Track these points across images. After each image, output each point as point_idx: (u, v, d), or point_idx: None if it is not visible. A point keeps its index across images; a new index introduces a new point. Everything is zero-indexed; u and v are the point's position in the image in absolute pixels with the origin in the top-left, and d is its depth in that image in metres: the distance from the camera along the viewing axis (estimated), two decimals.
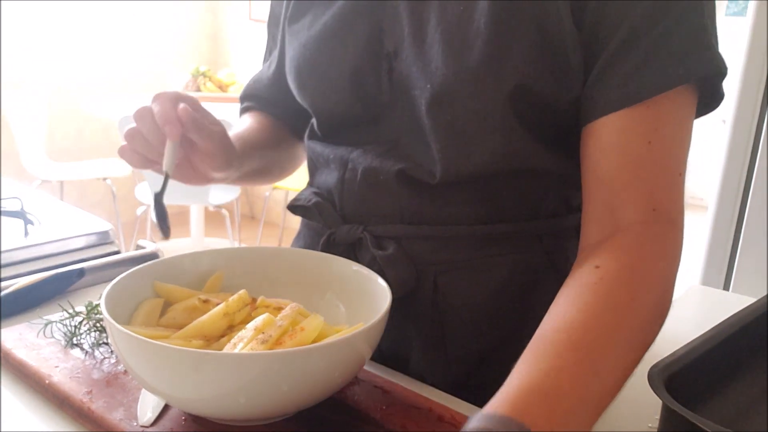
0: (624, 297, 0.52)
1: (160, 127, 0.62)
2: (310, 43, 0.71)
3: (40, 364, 0.63)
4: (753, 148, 1.69)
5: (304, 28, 0.73)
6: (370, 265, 0.68)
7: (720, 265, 1.79)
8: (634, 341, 0.52)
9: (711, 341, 0.58)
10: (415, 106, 0.65)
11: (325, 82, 0.70)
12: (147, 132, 0.63)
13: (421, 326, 0.70)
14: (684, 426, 0.46)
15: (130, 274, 0.62)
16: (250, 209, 4.59)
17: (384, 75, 0.67)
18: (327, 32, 0.70)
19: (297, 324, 0.56)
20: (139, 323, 0.60)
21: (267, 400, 0.51)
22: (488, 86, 0.61)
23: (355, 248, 0.72)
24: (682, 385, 0.51)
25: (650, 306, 0.54)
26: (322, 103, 0.72)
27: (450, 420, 0.57)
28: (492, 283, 0.68)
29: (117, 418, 0.55)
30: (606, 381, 0.48)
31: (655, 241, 0.57)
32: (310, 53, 0.71)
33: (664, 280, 0.56)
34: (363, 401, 0.60)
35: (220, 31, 4.46)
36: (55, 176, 3.36)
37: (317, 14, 0.71)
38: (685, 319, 0.90)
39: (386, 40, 0.66)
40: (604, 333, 0.50)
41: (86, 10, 3.75)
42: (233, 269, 0.69)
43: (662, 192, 0.58)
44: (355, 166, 0.69)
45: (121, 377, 0.62)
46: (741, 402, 0.59)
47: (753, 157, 1.70)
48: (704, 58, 0.58)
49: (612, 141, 0.59)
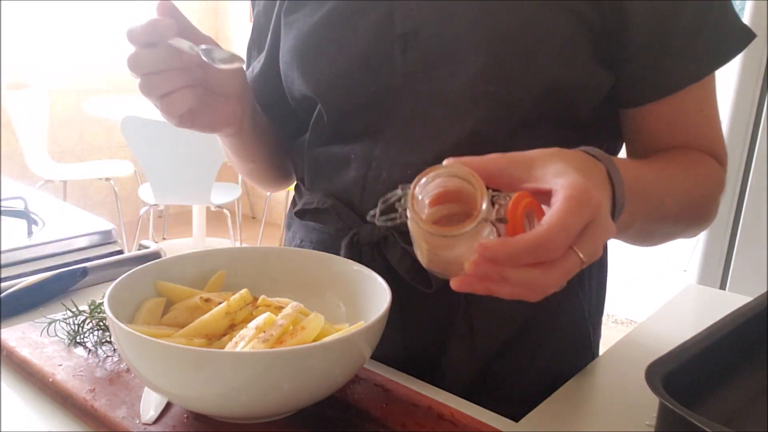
0: (697, 166, 0.67)
1: (158, 41, 0.59)
2: (313, 30, 0.70)
3: (43, 363, 0.64)
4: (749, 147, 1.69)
5: (303, 17, 0.72)
6: (401, 262, 0.68)
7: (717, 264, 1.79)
8: (697, 196, 0.67)
9: (708, 339, 0.58)
10: (447, 79, 0.65)
11: (333, 69, 0.70)
12: (151, 63, 0.60)
13: (452, 320, 0.70)
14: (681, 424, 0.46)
15: (133, 274, 0.62)
16: (252, 209, 4.59)
17: (398, 56, 0.67)
18: (333, 18, 0.69)
19: (298, 323, 0.57)
20: (141, 322, 0.61)
21: (268, 398, 0.52)
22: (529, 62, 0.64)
23: (381, 246, 0.70)
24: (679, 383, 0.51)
25: (711, 189, 0.69)
26: (330, 90, 0.71)
27: (450, 418, 0.58)
28: None
29: (120, 416, 0.56)
30: (669, 205, 0.63)
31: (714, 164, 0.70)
32: (314, 40, 0.70)
33: (719, 185, 0.70)
34: (363, 399, 0.60)
35: (220, 32, 4.47)
36: (58, 176, 3.37)
37: (318, 4, 0.71)
38: (682, 318, 0.91)
39: (398, 22, 0.66)
40: (682, 171, 0.65)
41: (89, 10, 3.75)
42: (235, 269, 0.70)
43: (716, 147, 0.70)
44: (380, 164, 0.69)
45: (123, 375, 0.62)
46: (738, 400, 0.59)
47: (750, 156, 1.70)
48: (744, 28, 0.66)
49: (673, 117, 0.67)
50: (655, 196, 0.62)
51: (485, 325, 0.70)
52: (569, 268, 0.44)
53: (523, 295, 0.44)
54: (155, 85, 0.61)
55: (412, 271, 0.67)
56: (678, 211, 0.66)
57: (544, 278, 0.43)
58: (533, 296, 0.44)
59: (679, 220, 0.67)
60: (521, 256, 0.42)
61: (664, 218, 0.65)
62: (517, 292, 0.44)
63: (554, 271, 0.43)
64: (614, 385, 0.70)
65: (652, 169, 0.63)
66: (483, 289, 0.44)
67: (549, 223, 0.42)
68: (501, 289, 0.44)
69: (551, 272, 0.43)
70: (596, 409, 0.67)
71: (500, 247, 0.42)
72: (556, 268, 0.43)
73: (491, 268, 0.42)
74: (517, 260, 0.42)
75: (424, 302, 0.69)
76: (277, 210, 4.24)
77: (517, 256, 0.42)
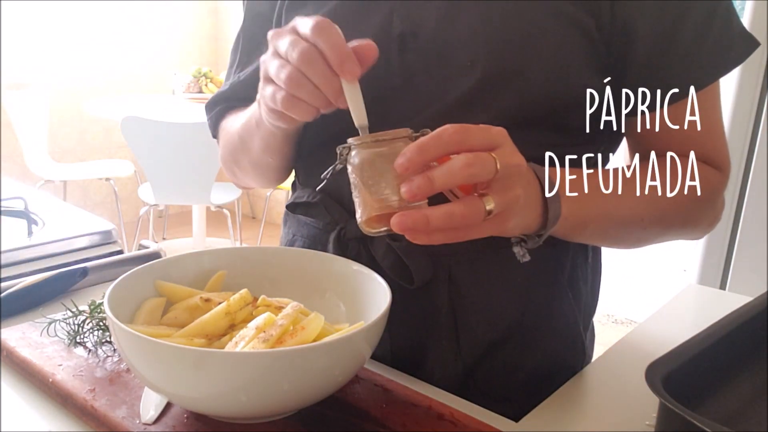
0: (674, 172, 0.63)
1: (336, 67, 0.54)
2: None
3: (43, 363, 0.64)
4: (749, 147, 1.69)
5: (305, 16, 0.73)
6: (384, 257, 0.68)
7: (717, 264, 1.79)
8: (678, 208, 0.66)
9: (708, 339, 0.58)
10: (443, 83, 0.66)
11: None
12: (319, 76, 0.54)
13: (436, 318, 0.70)
14: (681, 424, 0.46)
15: (133, 274, 0.62)
16: (251, 209, 4.59)
17: (395, 57, 0.67)
18: (334, 17, 0.69)
19: (298, 323, 0.57)
20: (141, 322, 0.61)
21: (268, 398, 0.52)
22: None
23: (367, 241, 0.71)
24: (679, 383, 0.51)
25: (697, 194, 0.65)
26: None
27: (449, 418, 0.58)
28: (505, 273, 0.69)
29: (120, 416, 0.56)
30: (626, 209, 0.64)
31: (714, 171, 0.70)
32: None
33: (709, 191, 0.68)
34: (363, 399, 0.60)
35: (221, 32, 4.47)
36: (58, 176, 3.37)
37: (320, 4, 0.71)
38: (682, 318, 0.91)
39: (398, 22, 0.67)
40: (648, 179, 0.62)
41: (89, 10, 3.75)
42: (235, 269, 0.70)
43: (717, 155, 0.70)
44: None
45: (123, 375, 0.62)
46: (739, 400, 0.59)
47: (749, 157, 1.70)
48: (747, 37, 0.66)
49: (673, 125, 0.65)
50: (607, 198, 0.62)
51: (470, 323, 0.70)
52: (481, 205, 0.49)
53: (449, 222, 0.49)
54: (301, 86, 0.56)
55: (395, 266, 0.68)
56: (644, 215, 0.66)
57: (462, 203, 0.49)
58: (456, 224, 0.49)
59: (650, 225, 0.67)
60: (429, 143, 0.48)
61: (624, 222, 0.66)
62: (442, 218, 0.48)
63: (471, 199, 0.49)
64: (614, 385, 0.70)
65: (605, 175, 0.62)
66: (420, 218, 0.48)
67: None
68: (432, 214, 0.48)
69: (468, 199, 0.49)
70: (596, 409, 0.67)
71: (411, 145, 0.49)
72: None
73: (413, 159, 0.48)
74: (425, 148, 0.48)
75: (409, 300, 0.70)
76: (277, 210, 4.24)
77: (424, 144, 0.48)
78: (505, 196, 0.51)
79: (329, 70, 0.54)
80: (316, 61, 0.54)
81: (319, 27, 0.54)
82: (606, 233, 0.68)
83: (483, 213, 0.49)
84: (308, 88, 0.55)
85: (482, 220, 0.50)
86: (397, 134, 0.53)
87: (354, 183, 0.53)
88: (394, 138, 0.53)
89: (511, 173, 0.51)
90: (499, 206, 0.50)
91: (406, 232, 0.49)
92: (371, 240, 0.70)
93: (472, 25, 0.64)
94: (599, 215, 0.64)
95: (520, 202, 0.53)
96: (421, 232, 0.49)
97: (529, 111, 0.65)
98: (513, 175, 0.51)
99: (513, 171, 0.51)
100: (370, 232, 0.53)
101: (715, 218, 0.73)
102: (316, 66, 0.54)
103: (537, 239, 0.59)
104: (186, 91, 3.39)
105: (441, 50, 0.65)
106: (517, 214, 0.54)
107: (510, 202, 0.51)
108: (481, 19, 0.64)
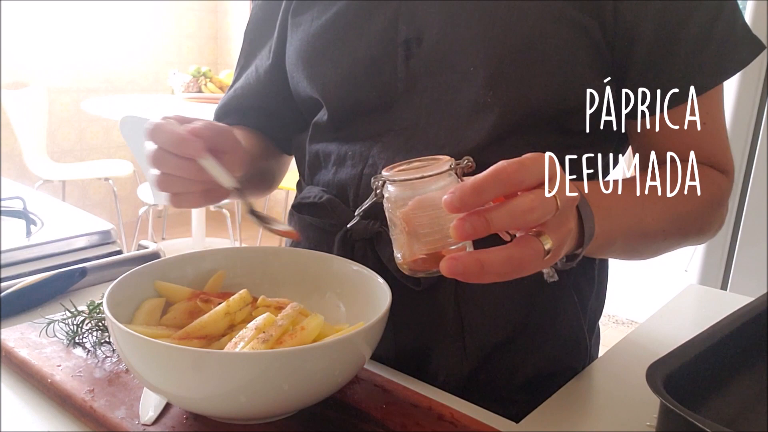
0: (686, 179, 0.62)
1: (182, 154, 0.58)
2: (319, 32, 0.71)
3: (42, 363, 0.63)
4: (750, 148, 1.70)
5: (311, 18, 0.73)
6: (391, 259, 0.68)
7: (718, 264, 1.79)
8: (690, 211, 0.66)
9: (709, 340, 0.58)
10: (448, 89, 0.66)
11: (338, 72, 0.70)
12: (174, 168, 0.59)
13: (442, 320, 0.70)
14: (682, 425, 0.46)
15: (132, 274, 0.62)
16: None
17: (401, 63, 0.67)
18: (340, 20, 0.70)
19: (297, 323, 0.57)
20: (140, 322, 0.60)
21: (268, 398, 0.52)
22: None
23: (374, 243, 0.71)
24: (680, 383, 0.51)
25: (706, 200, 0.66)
26: (334, 92, 0.72)
27: (450, 419, 0.58)
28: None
29: (119, 416, 0.56)
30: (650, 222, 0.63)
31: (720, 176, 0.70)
32: (320, 42, 0.71)
33: (716, 196, 0.68)
34: (363, 400, 0.60)
35: (220, 31, 4.47)
36: (57, 176, 3.37)
37: (326, 6, 0.72)
38: (683, 318, 0.91)
39: (403, 27, 0.67)
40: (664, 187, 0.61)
41: (88, 10, 3.75)
42: (234, 269, 0.70)
43: (721, 158, 0.69)
44: (376, 161, 0.69)
45: (122, 376, 0.62)
46: (739, 401, 0.59)
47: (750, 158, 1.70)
48: (752, 40, 0.67)
49: (676, 128, 0.65)
50: (634, 213, 0.61)
51: (476, 325, 0.70)
52: (537, 246, 0.46)
53: (507, 267, 0.45)
54: (171, 184, 0.60)
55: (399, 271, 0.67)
56: (665, 227, 0.65)
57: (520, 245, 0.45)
58: (514, 268, 0.45)
59: (670, 235, 0.66)
60: (486, 184, 0.43)
61: (647, 234, 0.64)
62: (499, 263, 0.45)
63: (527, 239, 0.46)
64: (615, 386, 0.70)
65: (628, 187, 0.62)
66: (473, 263, 0.44)
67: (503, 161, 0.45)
68: (487, 259, 0.44)
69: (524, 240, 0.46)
70: (597, 410, 0.67)
71: (464, 185, 0.43)
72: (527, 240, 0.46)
73: (468, 201, 0.43)
74: (482, 190, 0.43)
75: (415, 301, 0.70)
76: (277, 210, 4.24)
77: (480, 185, 0.43)
78: (560, 232, 0.48)
79: (178, 159, 0.58)
80: (165, 158, 0.58)
81: (151, 132, 0.59)
82: (630, 248, 0.66)
83: (542, 254, 0.46)
84: (177, 181, 0.60)
85: (542, 260, 0.46)
86: (438, 165, 0.49)
87: (392, 220, 0.50)
88: (437, 172, 0.48)
89: (567, 208, 0.49)
90: (555, 243, 0.47)
91: (458, 277, 0.45)
92: (378, 241, 0.70)
93: (475, 30, 0.64)
94: (626, 231, 0.62)
95: (572, 235, 0.51)
96: (473, 276, 0.46)
97: (534, 114, 0.65)
98: (568, 210, 0.49)
99: (569, 205, 0.49)
100: (417, 273, 0.50)
101: (722, 223, 0.73)
102: (167, 162, 0.59)
103: (566, 260, 0.56)
104: (185, 91, 3.39)
105: (445, 55, 0.66)
106: (569, 246, 0.52)
107: (564, 237, 0.49)
108: (484, 23, 0.64)
